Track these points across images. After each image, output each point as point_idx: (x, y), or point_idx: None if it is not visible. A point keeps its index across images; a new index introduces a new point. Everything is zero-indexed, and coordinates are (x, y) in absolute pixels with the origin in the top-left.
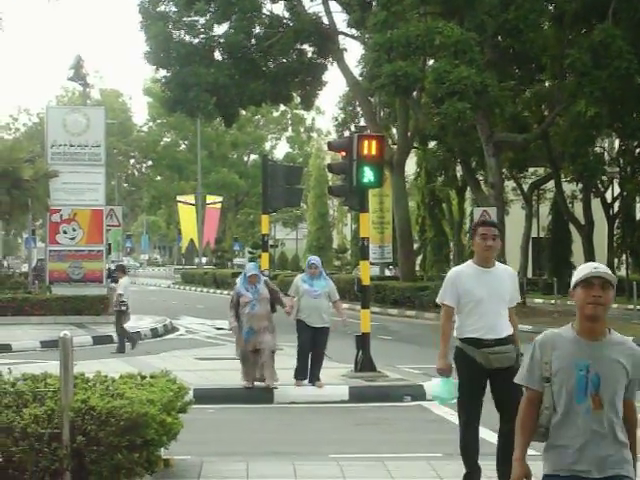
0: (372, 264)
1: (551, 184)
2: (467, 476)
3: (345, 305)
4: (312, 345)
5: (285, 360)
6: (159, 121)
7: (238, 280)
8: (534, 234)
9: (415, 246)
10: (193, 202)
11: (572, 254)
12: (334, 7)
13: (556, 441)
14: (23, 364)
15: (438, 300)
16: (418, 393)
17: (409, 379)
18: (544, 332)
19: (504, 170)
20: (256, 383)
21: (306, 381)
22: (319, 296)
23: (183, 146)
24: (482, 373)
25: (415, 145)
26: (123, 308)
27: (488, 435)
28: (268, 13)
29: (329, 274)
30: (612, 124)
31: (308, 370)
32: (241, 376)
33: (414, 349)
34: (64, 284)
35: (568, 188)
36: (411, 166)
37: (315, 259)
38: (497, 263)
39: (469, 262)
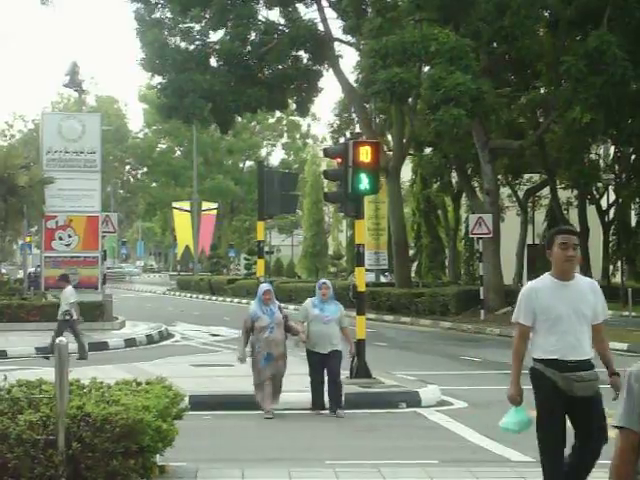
0: (367, 270)
1: (546, 191)
2: None
3: None
4: (325, 372)
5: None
6: (155, 127)
7: (252, 304)
8: (529, 241)
9: (410, 252)
10: (188, 208)
11: None
12: (329, 14)
13: None
14: (18, 370)
15: (512, 319)
16: (413, 400)
17: (405, 386)
18: None
19: (499, 177)
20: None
21: (324, 411)
22: (330, 322)
23: (179, 152)
24: (562, 397)
25: (411, 152)
26: (67, 317)
27: None
28: (263, 20)
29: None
30: (607, 131)
31: (324, 398)
32: (261, 405)
33: (409, 356)
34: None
35: (563, 195)
36: (407, 172)
37: (327, 280)
38: (578, 275)
39: (546, 275)
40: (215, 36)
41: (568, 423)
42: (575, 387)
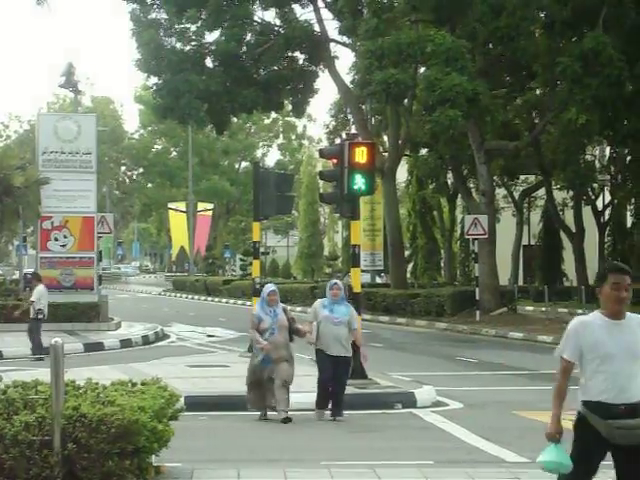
0: (363, 271)
1: (542, 192)
2: None
3: None
4: (333, 375)
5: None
6: (150, 128)
7: (256, 305)
8: (525, 242)
9: (406, 253)
10: (184, 209)
11: (563, 261)
12: (325, 14)
13: None
14: (14, 371)
15: (556, 353)
16: (409, 400)
17: (400, 386)
18: None
19: (495, 177)
20: (269, 413)
21: (327, 412)
22: (339, 323)
23: (174, 153)
24: (604, 446)
25: (406, 152)
26: (40, 316)
27: None
28: (259, 20)
29: (322, 281)
30: (603, 132)
31: (329, 399)
32: (248, 405)
33: (405, 356)
34: (55, 291)
35: (559, 196)
36: (402, 173)
37: (338, 281)
38: (628, 313)
39: (596, 312)
40: (211, 37)
41: None
42: (616, 434)
